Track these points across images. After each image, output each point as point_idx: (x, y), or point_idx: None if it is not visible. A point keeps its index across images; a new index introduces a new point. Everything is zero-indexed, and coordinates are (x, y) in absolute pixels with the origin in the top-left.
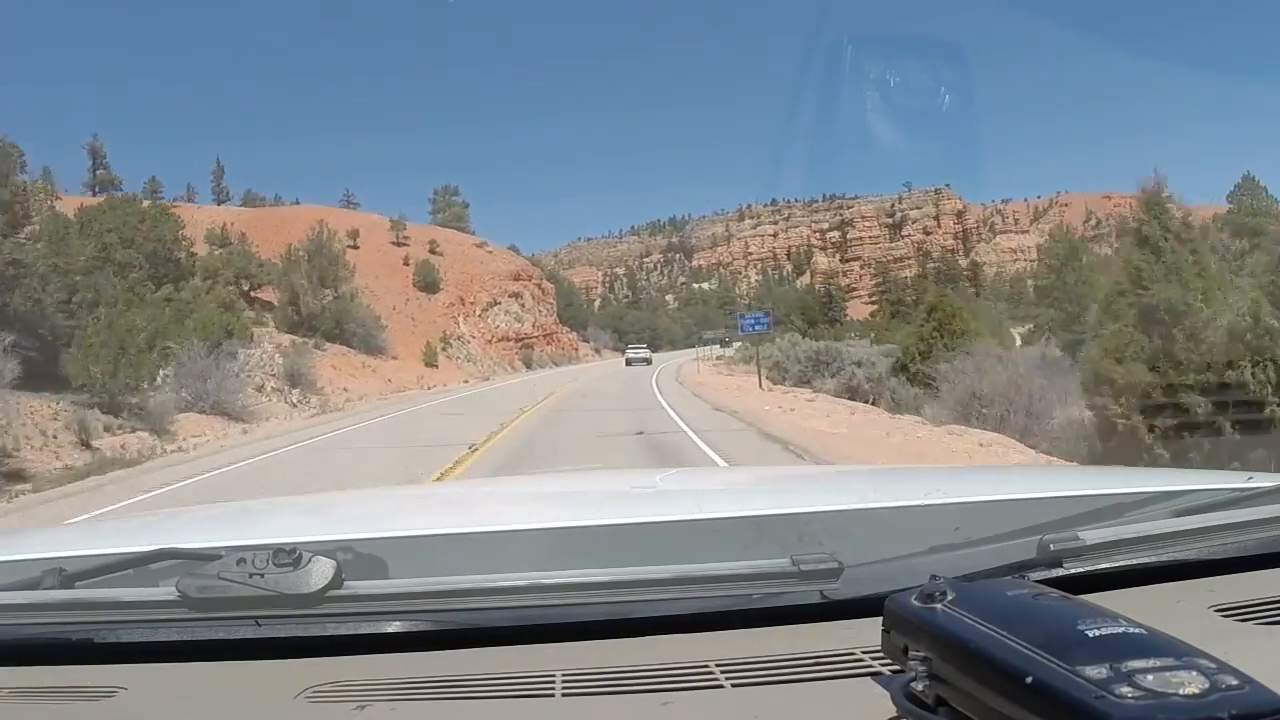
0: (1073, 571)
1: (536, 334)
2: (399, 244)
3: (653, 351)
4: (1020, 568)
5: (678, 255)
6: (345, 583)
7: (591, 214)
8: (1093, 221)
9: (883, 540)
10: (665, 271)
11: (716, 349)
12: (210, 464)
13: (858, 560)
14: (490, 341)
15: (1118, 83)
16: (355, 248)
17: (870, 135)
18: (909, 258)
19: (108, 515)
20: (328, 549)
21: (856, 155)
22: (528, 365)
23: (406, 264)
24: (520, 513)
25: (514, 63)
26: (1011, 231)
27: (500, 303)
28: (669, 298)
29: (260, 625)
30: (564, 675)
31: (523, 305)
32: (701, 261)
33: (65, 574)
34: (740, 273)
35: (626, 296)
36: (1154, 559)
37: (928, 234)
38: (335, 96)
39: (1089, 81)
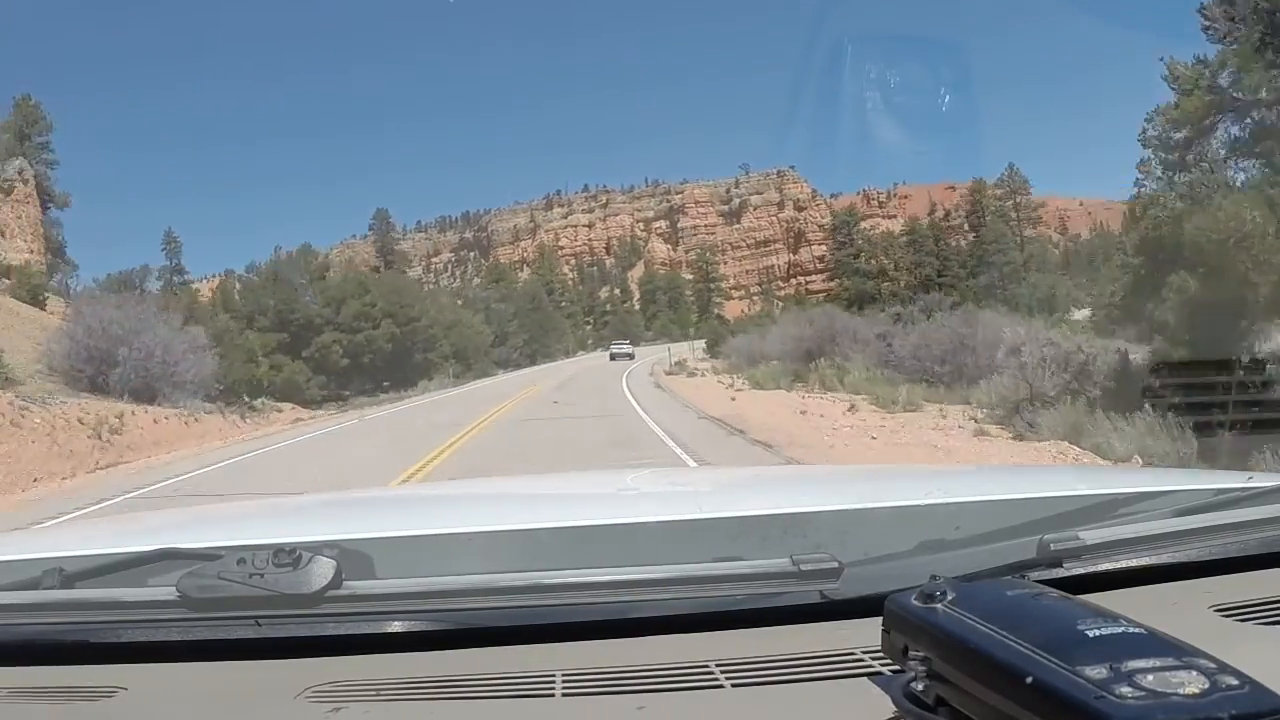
0: (1073, 572)
1: None
2: None
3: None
4: (1020, 568)
5: (472, 253)
6: (345, 583)
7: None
8: (940, 212)
9: (883, 540)
10: (458, 273)
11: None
12: None
13: (857, 560)
14: None
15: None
16: None
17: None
18: (776, 240)
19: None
20: (327, 549)
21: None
22: None
23: None
24: (520, 513)
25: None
26: (878, 217)
27: None
28: (459, 302)
29: (260, 625)
30: (564, 675)
31: None
32: (503, 258)
33: (65, 574)
34: (551, 267)
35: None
36: (1154, 559)
37: (800, 209)
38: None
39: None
